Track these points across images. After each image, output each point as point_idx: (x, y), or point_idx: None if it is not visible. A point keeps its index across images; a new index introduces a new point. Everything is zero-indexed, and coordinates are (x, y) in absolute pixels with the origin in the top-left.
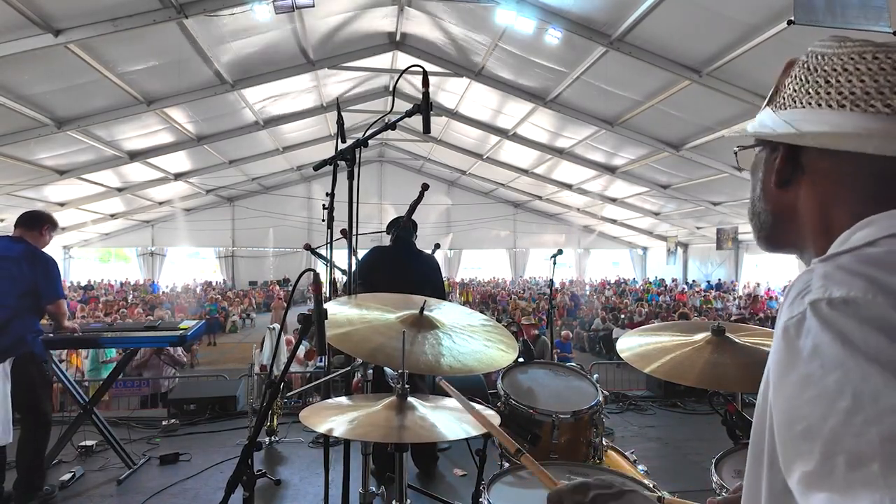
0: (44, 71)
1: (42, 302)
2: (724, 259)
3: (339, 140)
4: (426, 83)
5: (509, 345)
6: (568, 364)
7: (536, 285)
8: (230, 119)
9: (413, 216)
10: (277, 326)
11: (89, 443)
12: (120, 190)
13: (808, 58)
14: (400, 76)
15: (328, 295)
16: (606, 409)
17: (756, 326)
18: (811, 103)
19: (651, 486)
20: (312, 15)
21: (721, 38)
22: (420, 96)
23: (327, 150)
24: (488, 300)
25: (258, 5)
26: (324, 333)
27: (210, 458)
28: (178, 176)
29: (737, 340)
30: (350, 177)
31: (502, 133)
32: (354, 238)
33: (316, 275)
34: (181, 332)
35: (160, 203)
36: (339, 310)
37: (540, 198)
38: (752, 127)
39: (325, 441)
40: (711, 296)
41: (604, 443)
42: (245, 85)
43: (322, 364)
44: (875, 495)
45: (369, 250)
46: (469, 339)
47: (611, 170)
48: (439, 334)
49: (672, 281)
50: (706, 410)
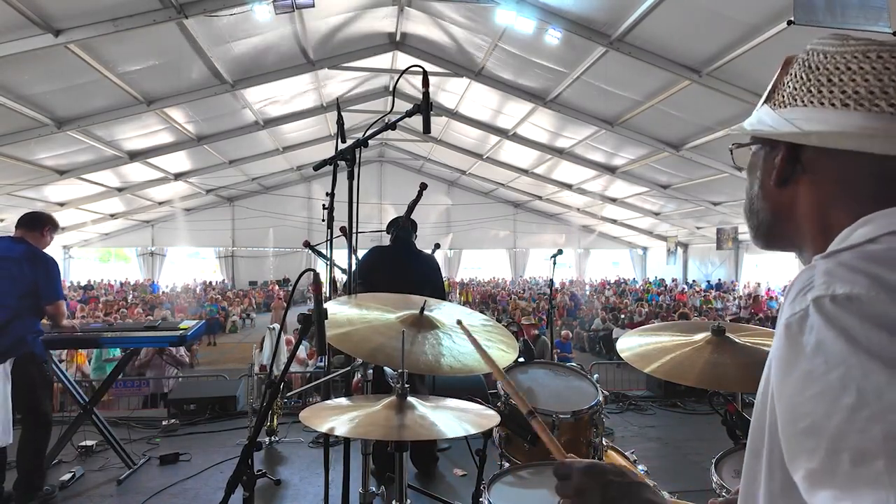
0: (44, 71)
1: (42, 302)
2: (724, 259)
3: (339, 140)
4: (426, 83)
5: (509, 345)
6: (568, 364)
7: (536, 285)
8: (230, 119)
9: (413, 216)
10: (277, 326)
11: (89, 443)
12: (120, 190)
13: (809, 56)
14: (400, 76)
15: (328, 294)
16: (606, 409)
17: (756, 326)
18: (813, 102)
19: (651, 486)
20: (312, 15)
21: (721, 38)
22: (420, 96)
23: (327, 150)
24: (488, 300)
25: (258, 5)
26: (324, 333)
27: (210, 458)
28: (178, 176)
29: (737, 340)
30: (350, 177)
31: (502, 133)
32: (354, 237)
33: (316, 275)
34: (181, 332)
35: (160, 203)
36: (339, 310)
37: (540, 198)
38: (750, 125)
39: (325, 441)
40: (711, 296)
41: (604, 443)
42: (245, 85)
43: (322, 364)
44: (879, 493)
45: (369, 250)
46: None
47: (611, 170)
48: (439, 334)
49: (672, 281)
50: (706, 410)
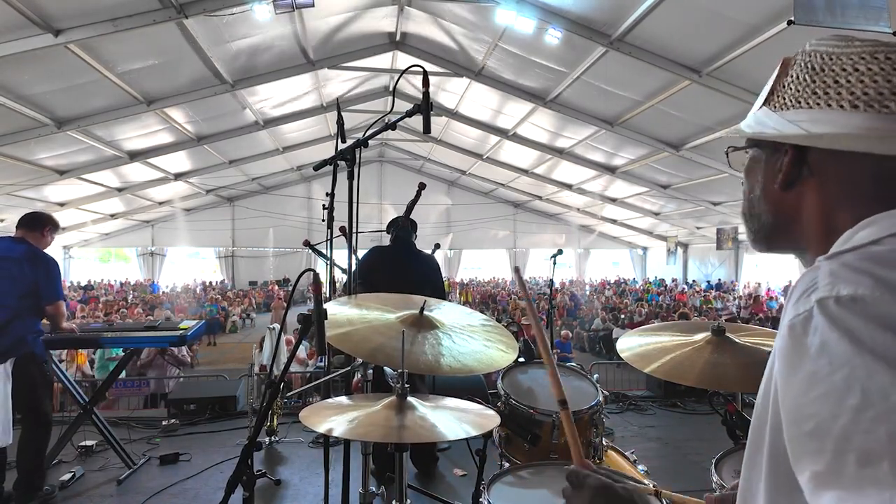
0: (44, 71)
1: (42, 302)
2: (724, 259)
3: (339, 140)
4: (426, 83)
5: (509, 345)
6: (568, 364)
7: (536, 285)
8: (230, 119)
9: (412, 216)
10: (277, 326)
11: (89, 443)
12: (120, 190)
13: (811, 57)
14: (400, 76)
15: (328, 294)
16: (606, 409)
17: (756, 326)
18: (819, 104)
19: (651, 486)
20: (312, 15)
21: (721, 38)
22: (420, 96)
23: (327, 150)
24: (488, 300)
25: (258, 5)
26: (324, 333)
27: (210, 458)
28: (178, 176)
29: (737, 340)
30: (350, 177)
31: (502, 133)
32: (354, 237)
33: (316, 275)
34: (181, 332)
35: (160, 203)
36: (339, 310)
37: (540, 198)
38: (749, 127)
39: (325, 441)
40: (711, 296)
41: (604, 443)
42: (245, 85)
43: (322, 364)
44: (885, 494)
45: (369, 250)
46: (469, 339)
47: (611, 170)
48: (439, 334)
49: (672, 281)
50: (706, 410)
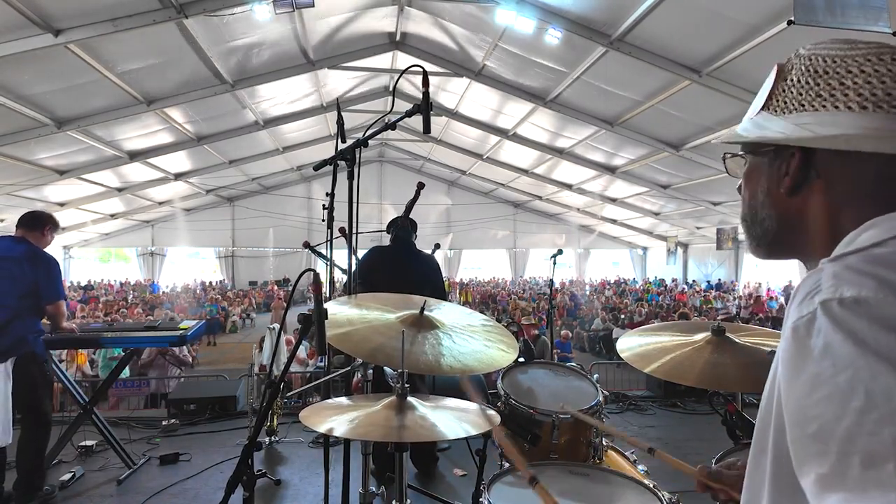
0: (44, 71)
1: (42, 302)
2: (724, 259)
3: (339, 140)
4: (426, 83)
5: (509, 345)
6: (568, 364)
7: (536, 285)
8: (230, 119)
9: (412, 216)
10: (277, 326)
11: (89, 443)
12: (120, 190)
13: (812, 61)
14: (400, 76)
15: (328, 295)
16: (606, 409)
17: (756, 326)
18: (825, 106)
19: (651, 486)
20: (312, 15)
21: (721, 38)
22: (420, 96)
23: (327, 150)
24: (488, 300)
25: (258, 5)
26: (324, 333)
27: (210, 458)
28: (178, 176)
29: (737, 340)
30: (350, 177)
31: (502, 133)
32: (354, 237)
33: (316, 275)
34: (181, 332)
35: (160, 203)
36: (339, 310)
37: (540, 198)
38: (747, 132)
39: (325, 441)
40: (711, 296)
41: (604, 443)
42: (245, 85)
43: (322, 364)
44: (890, 496)
45: (369, 250)
46: (469, 339)
47: (611, 170)
48: (439, 334)
49: (672, 281)
50: (706, 410)
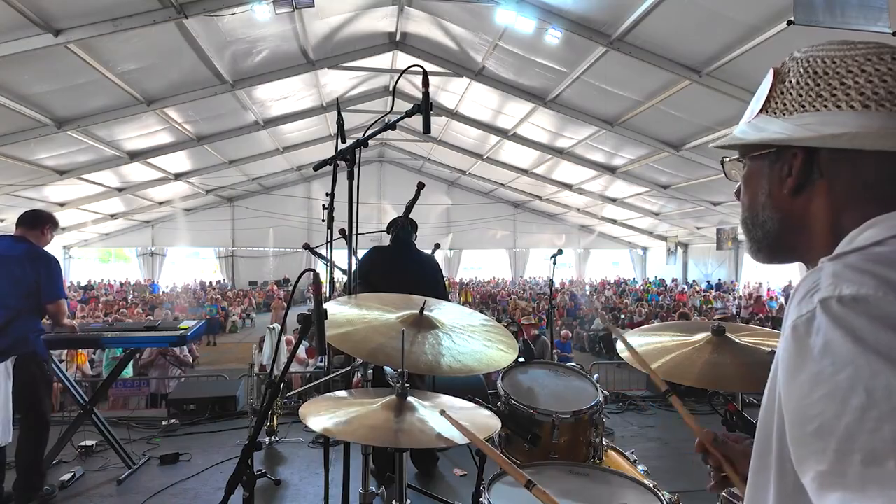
0: (44, 71)
1: (43, 301)
2: (724, 259)
3: (339, 140)
4: (426, 83)
5: (509, 345)
6: (568, 364)
7: (536, 285)
8: (230, 119)
9: (412, 216)
10: (277, 326)
11: (89, 443)
12: (120, 190)
13: (811, 63)
14: (400, 76)
15: (328, 295)
16: (606, 409)
17: (756, 326)
18: (827, 106)
19: (651, 486)
20: (312, 15)
21: (721, 38)
22: (420, 96)
23: (327, 150)
24: (488, 300)
25: (258, 5)
26: (324, 333)
27: (210, 458)
28: (178, 176)
29: (737, 340)
30: (350, 177)
31: (502, 133)
32: (354, 238)
33: (316, 275)
34: (181, 332)
35: (160, 203)
36: (339, 310)
37: (540, 198)
38: (745, 134)
39: (325, 441)
40: (711, 296)
41: (604, 443)
42: (245, 85)
43: (322, 364)
44: (890, 493)
45: (368, 250)
46: (469, 339)
47: (611, 170)
48: (439, 334)
49: (672, 281)
50: (706, 410)
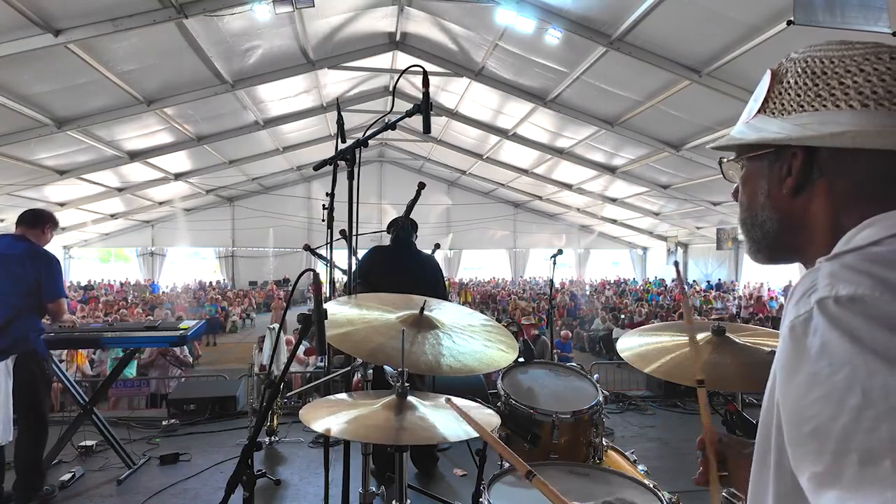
0: (44, 71)
1: (43, 300)
2: (724, 259)
3: (339, 140)
4: (426, 83)
5: (509, 345)
6: (568, 364)
7: (536, 285)
8: (230, 119)
9: (412, 216)
10: (277, 326)
11: (89, 443)
12: (120, 190)
13: (809, 63)
14: (400, 76)
15: (328, 295)
16: (606, 409)
17: (756, 326)
18: (826, 105)
19: (651, 486)
20: (312, 15)
21: (721, 38)
22: (420, 96)
23: (327, 150)
24: (488, 300)
25: (258, 5)
26: (324, 333)
27: (210, 458)
28: (178, 176)
29: (737, 340)
30: (350, 177)
31: (502, 133)
32: (354, 238)
33: (316, 275)
34: (181, 332)
35: (160, 203)
36: (339, 310)
37: (540, 198)
38: (742, 135)
39: (325, 441)
40: (711, 296)
41: (604, 443)
42: (245, 85)
43: (322, 364)
44: (887, 493)
45: (369, 250)
46: (469, 339)
47: (611, 170)
48: (439, 334)
49: (672, 281)
50: None
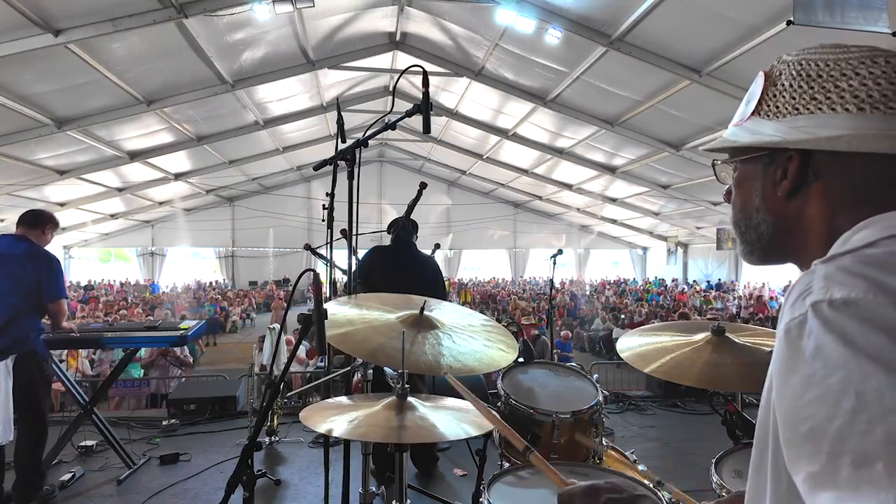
0: (44, 71)
1: (43, 300)
2: (724, 259)
3: (339, 140)
4: (426, 83)
5: (509, 345)
6: (568, 364)
7: (536, 285)
8: (230, 119)
9: (412, 216)
10: (277, 326)
11: (89, 443)
12: (120, 190)
13: (803, 66)
14: (400, 76)
15: (328, 295)
16: (606, 409)
17: (756, 326)
18: (822, 108)
19: (652, 485)
20: (312, 15)
21: (721, 38)
22: (420, 96)
23: (327, 150)
24: (488, 300)
25: (258, 5)
26: (324, 333)
27: (210, 458)
28: (178, 176)
29: (737, 340)
30: (350, 177)
31: (502, 133)
32: (354, 238)
33: (316, 275)
34: (181, 332)
35: (160, 203)
36: (339, 310)
37: (540, 198)
38: (736, 136)
39: (325, 441)
40: (711, 296)
41: (604, 443)
42: (245, 85)
43: (322, 364)
44: (880, 495)
45: (369, 250)
46: (469, 340)
47: (611, 170)
48: (439, 334)
49: (672, 281)
50: (706, 410)
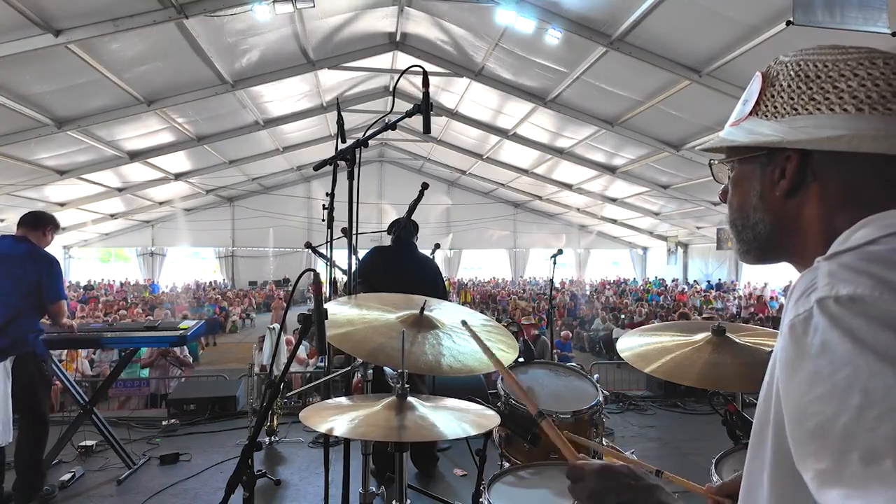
0: (44, 71)
1: (43, 301)
2: (724, 259)
3: (339, 140)
4: (426, 83)
5: (509, 345)
6: (568, 364)
7: (536, 285)
8: (230, 119)
9: (413, 216)
10: (277, 326)
11: (89, 443)
12: (120, 190)
13: (802, 66)
14: (400, 76)
15: (328, 295)
16: (606, 409)
17: (756, 326)
18: (820, 109)
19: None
20: (312, 15)
21: (721, 38)
22: (420, 96)
23: (327, 150)
24: (488, 300)
25: (258, 5)
26: (324, 333)
27: (210, 458)
28: (178, 176)
29: (737, 340)
30: (350, 177)
31: (502, 133)
32: (354, 238)
33: (316, 275)
34: (181, 332)
35: (160, 203)
36: (339, 310)
37: (540, 198)
38: (740, 138)
39: (325, 441)
40: (711, 296)
41: (604, 443)
42: (245, 85)
43: (322, 364)
44: (889, 492)
45: (369, 250)
46: (469, 339)
47: (611, 170)
48: (439, 334)
49: (672, 281)
50: (706, 410)
